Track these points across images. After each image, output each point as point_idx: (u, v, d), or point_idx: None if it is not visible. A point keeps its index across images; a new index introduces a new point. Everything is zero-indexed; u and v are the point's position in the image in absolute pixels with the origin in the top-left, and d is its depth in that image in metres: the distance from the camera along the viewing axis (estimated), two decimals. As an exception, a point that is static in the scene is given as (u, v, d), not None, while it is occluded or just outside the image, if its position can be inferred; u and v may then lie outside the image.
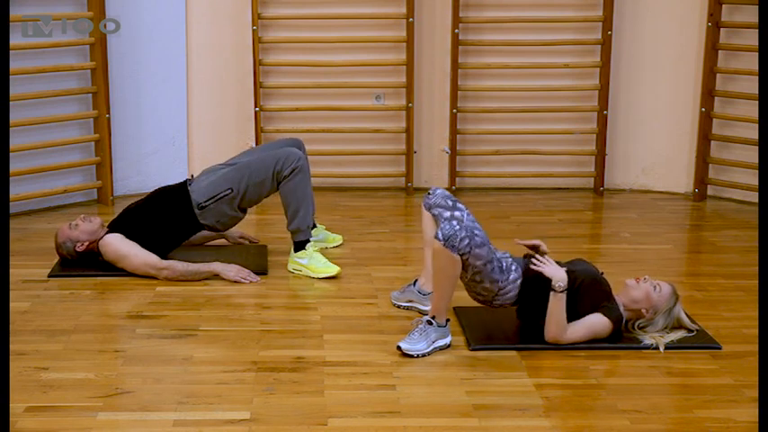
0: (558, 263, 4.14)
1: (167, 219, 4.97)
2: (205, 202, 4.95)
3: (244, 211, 5.08)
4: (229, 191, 4.94)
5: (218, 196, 4.94)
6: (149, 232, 4.94)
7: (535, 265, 4.10)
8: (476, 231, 4.05)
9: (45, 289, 4.79)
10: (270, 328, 4.35)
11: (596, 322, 4.08)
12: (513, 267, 4.14)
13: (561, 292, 4.03)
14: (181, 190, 5.01)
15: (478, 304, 4.26)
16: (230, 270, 4.90)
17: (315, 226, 5.36)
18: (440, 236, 3.95)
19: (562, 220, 6.19)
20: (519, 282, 4.13)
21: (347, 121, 6.78)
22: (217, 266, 4.92)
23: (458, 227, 3.96)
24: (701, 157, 6.58)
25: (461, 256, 3.96)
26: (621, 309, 4.15)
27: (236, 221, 5.10)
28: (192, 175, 5.16)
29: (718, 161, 6.58)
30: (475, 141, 6.82)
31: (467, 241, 3.95)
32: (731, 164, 6.52)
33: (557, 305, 4.03)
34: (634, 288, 4.17)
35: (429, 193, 4.45)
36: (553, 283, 4.03)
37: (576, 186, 6.90)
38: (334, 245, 5.48)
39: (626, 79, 6.72)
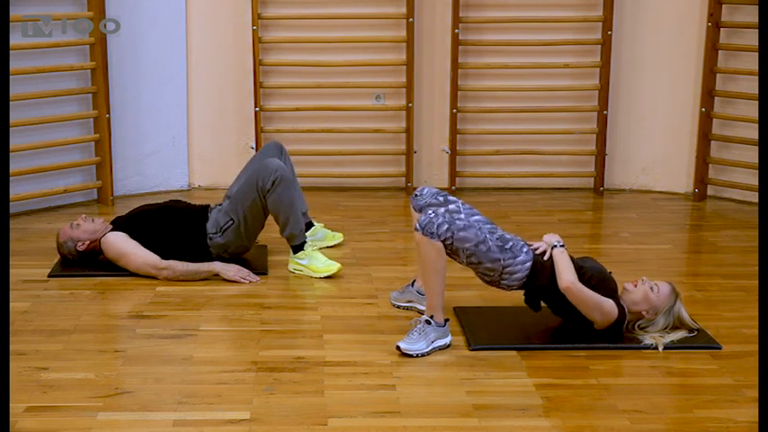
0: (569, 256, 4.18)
1: (180, 240, 4.98)
2: (214, 233, 4.99)
3: (251, 239, 5.08)
4: (231, 221, 4.98)
5: (224, 228, 4.99)
6: (158, 246, 4.93)
7: (536, 249, 4.21)
8: (474, 219, 4.09)
9: (45, 289, 4.79)
10: (270, 328, 4.35)
11: (606, 299, 4.09)
12: (525, 250, 4.16)
13: (562, 246, 4.16)
14: (200, 216, 5.04)
15: (479, 302, 4.27)
16: (230, 270, 4.91)
17: (312, 225, 5.37)
18: (417, 226, 4.00)
19: (562, 220, 6.20)
20: (528, 264, 4.13)
21: (347, 121, 6.78)
22: (217, 266, 4.92)
23: (433, 214, 4.00)
24: (701, 157, 6.58)
25: (444, 241, 3.99)
26: (626, 309, 4.15)
27: (241, 250, 5.08)
28: (213, 205, 5.16)
29: (718, 161, 6.58)
30: (475, 141, 6.82)
31: (446, 226, 3.98)
32: (731, 164, 6.52)
33: (562, 257, 4.13)
34: (632, 291, 4.17)
35: (416, 195, 4.42)
36: (553, 243, 4.18)
37: (575, 186, 6.90)
38: (335, 242, 5.48)
39: (626, 79, 6.72)
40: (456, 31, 6.51)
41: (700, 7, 6.48)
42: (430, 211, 4.06)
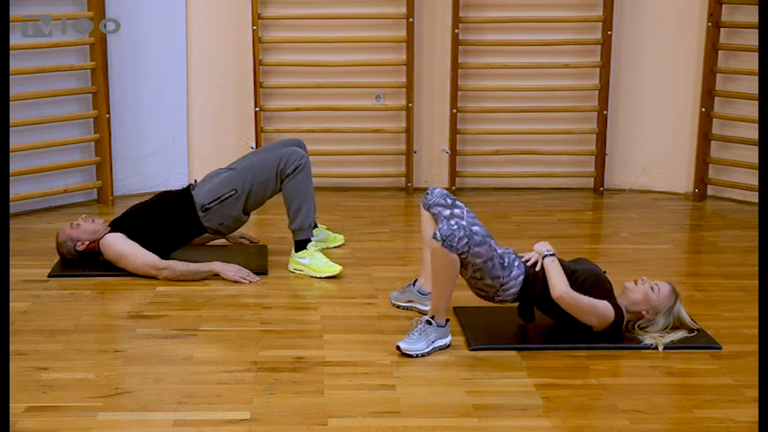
0: (561, 261, 4.16)
1: (170, 221, 4.99)
2: (209, 204, 4.96)
3: (247, 213, 5.08)
4: (233, 192, 4.95)
5: (223, 198, 4.95)
6: (152, 234, 4.95)
7: (527, 260, 4.19)
8: (474, 228, 4.09)
9: (45, 289, 4.79)
10: (270, 328, 4.35)
11: (600, 302, 4.09)
12: (516, 264, 4.15)
13: (552, 255, 4.15)
14: (184, 194, 5.03)
15: (479, 302, 4.27)
16: (230, 270, 4.91)
17: (316, 225, 5.37)
18: (438, 236, 3.96)
19: (562, 220, 6.20)
20: (521, 278, 4.13)
21: (347, 121, 6.78)
22: (217, 266, 4.92)
23: (455, 226, 3.97)
24: (701, 157, 6.58)
25: (460, 255, 3.97)
26: (623, 310, 4.15)
27: (239, 225, 5.11)
28: (196, 180, 5.17)
29: (718, 161, 6.58)
30: (475, 141, 6.82)
31: (465, 240, 3.96)
32: (731, 164, 6.52)
33: (552, 266, 4.12)
34: (632, 290, 4.17)
35: (427, 193, 4.44)
36: (543, 253, 4.16)
37: (575, 186, 6.90)
38: (336, 244, 5.48)
39: (626, 79, 6.73)
40: (456, 31, 6.51)
41: (700, 7, 6.48)
42: (452, 222, 4.03)
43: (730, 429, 3.48)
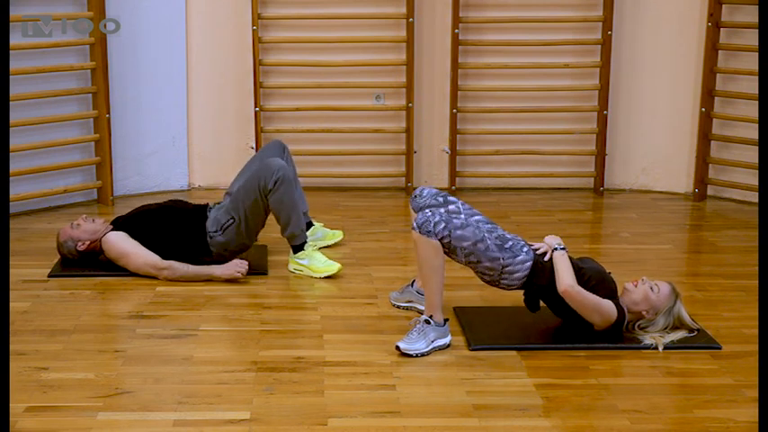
0: (569, 257, 4.17)
1: (179, 238, 4.97)
2: (214, 232, 4.98)
3: (253, 238, 5.06)
4: (232, 220, 4.97)
5: (225, 226, 4.97)
6: (157, 244, 4.93)
7: (536, 249, 4.20)
8: (473, 219, 4.11)
9: (45, 289, 4.79)
10: (270, 328, 4.35)
11: (605, 301, 4.09)
12: (525, 250, 4.16)
13: (562, 249, 4.15)
14: (198, 215, 5.02)
15: (479, 302, 4.27)
16: (230, 267, 4.89)
17: (311, 225, 5.37)
18: (414, 225, 4.01)
19: (562, 220, 6.20)
20: (528, 264, 4.13)
21: (347, 121, 6.78)
22: (216, 271, 4.90)
23: (430, 213, 4.01)
24: (701, 157, 6.58)
25: (441, 240, 3.99)
26: (625, 310, 4.15)
27: (242, 249, 5.08)
28: (212, 204, 5.16)
29: (718, 161, 6.58)
30: (475, 141, 6.82)
31: (443, 224, 3.98)
32: (731, 164, 6.52)
33: (562, 259, 4.12)
34: (632, 291, 4.17)
35: (415, 195, 4.42)
36: (554, 246, 4.17)
37: (575, 186, 6.90)
38: (335, 241, 5.48)
39: (626, 79, 6.73)
40: (456, 31, 6.51)
41: (700, 7, 6.48)
42: (427, 210, 4.07)
43: (730, 429, 3.49)
